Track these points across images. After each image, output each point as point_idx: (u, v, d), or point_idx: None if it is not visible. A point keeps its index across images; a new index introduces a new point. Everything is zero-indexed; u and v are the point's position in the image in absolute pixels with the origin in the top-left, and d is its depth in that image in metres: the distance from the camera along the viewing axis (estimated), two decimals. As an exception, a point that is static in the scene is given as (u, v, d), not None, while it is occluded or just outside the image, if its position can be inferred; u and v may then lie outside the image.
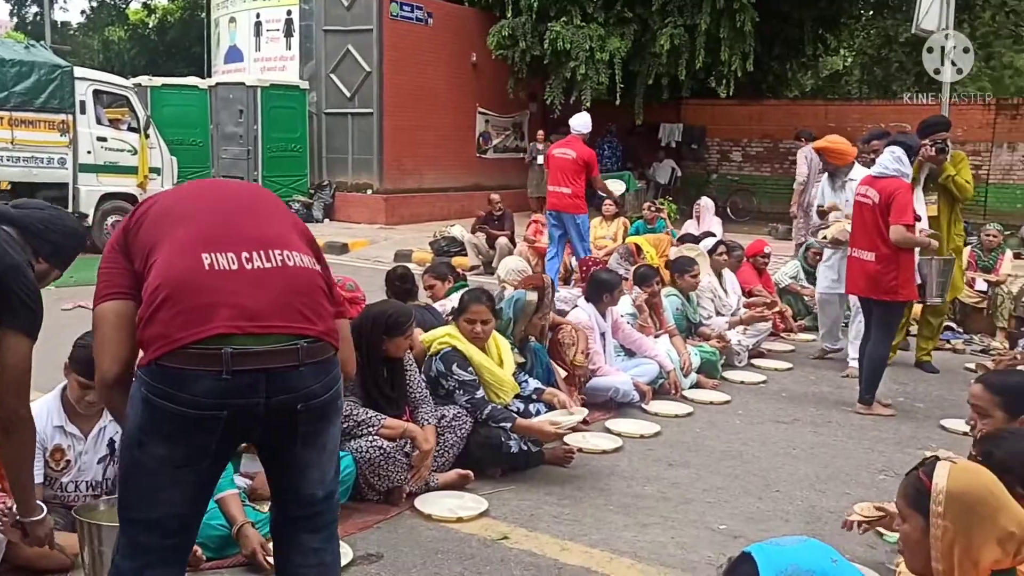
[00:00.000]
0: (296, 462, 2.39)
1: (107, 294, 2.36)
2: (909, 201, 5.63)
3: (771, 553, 1.69)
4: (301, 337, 2.27)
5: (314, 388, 2.30)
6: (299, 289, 2.32)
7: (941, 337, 7.86)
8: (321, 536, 2.49)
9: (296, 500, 2.44)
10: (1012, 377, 3.13)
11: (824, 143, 7.28)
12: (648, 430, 5.24)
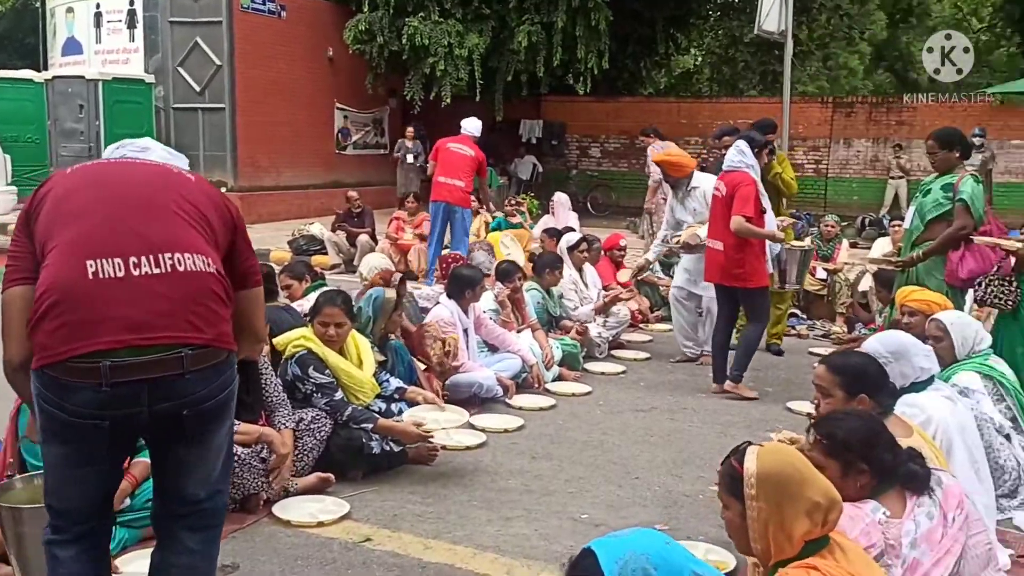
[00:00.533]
0: (183, 462, 2.40)
1: (15, 279, 2.35)
2: (751, 194, 5.86)
3: (609, 544, 1.79)
4: (185, 346, 2.26)
5: (201, 394, 2.30)
6: (189, 296, 2.29)
7: (787, 323, 8.27)
8: (200, 537, 2.49)
9: (179, 498, 2.44)
10: (852, 358, 3.30)
11: (662, 157, 7.29)
12: (512, 424, 5.26)
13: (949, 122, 16.25)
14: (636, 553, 1.76)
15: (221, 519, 2.59)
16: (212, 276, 2.37)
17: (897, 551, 2.35)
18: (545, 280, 6.87)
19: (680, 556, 1.82)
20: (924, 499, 2.44)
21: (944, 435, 3.45)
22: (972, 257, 5.16)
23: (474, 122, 10.08)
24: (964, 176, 5.37)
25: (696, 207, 6.88)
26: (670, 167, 7.10)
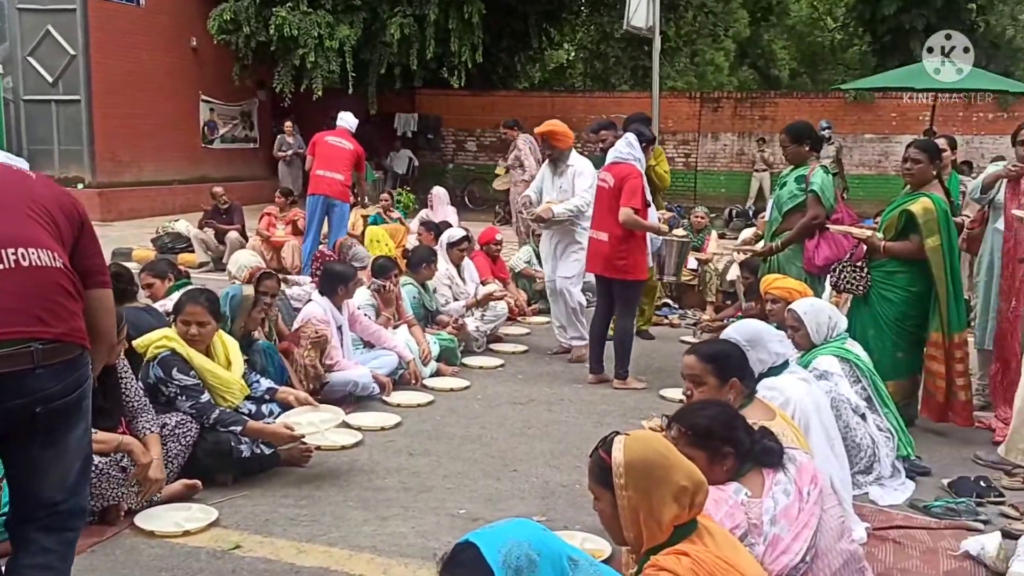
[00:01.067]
0: (35, 463, 2.34)
1: None
2: (639, 186, 5.98)
3: (488, 535, 1.79)
4: (35, 340, 2.23)
5: (54, 390, 2.27)
6: (35, 290, 2.27)
7: (658, 313, 8.49)
8: (56, 537, 2.41)
9: (34, 502, 2.38)
10: (718, 345, 3.39)
11: (549, 126, 7.04)
12: (389, 422, 5.19)
13: (807, 117, 17.01)
14: (518, 541, 1.77)
15: (79, 523, 2.51)
16: (59, 271, 2.33)
17: (759, 529, 2.43)
18: (420, 275, 6.82)
19: (556, 542, 1.85)
20: (780, 476, 2.53)
21: (802, 415, 3.59)
22: (826, 245, 5.40)
23: (350, 116, 10.02)
24: (815, 168, 5.61)
25: (564, 185, 6.85)
26: (553, 136, 6.92)
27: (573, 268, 6.82)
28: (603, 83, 23.49)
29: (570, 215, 6.66)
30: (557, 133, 6.93)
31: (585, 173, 6.74)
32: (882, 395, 4.57)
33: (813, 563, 2.39)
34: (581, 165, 6.83)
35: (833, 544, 2.47)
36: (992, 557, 3.48)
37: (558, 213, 6.61)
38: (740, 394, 3.23)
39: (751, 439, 2.60)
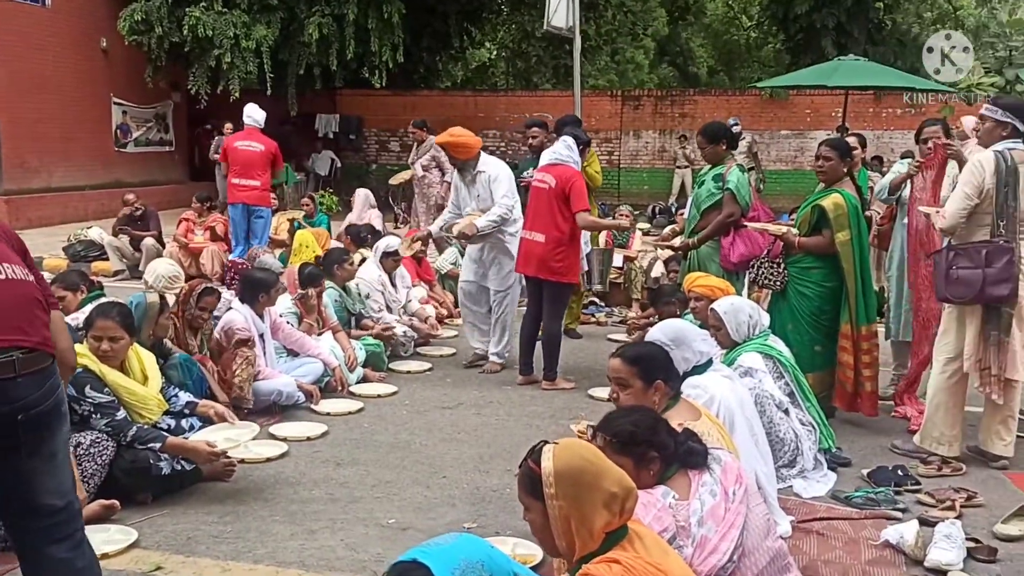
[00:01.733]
0: (26, 473, 2.42)
1: None
2: (584, 188, 6.02)
3: (438, 554, 1.74)
4: (16, 349, 2.33)
5: (34, 397, 2.37)
6: (14, 302, 2.39)
7: (585, 311, 8.54)
8: (66, 545, 2.51)
9: (33, 512, 2.45)
10: (643, 348, 3.41)
11: (446, 137, 6.56)
12: (315, 431, 5.09)
13: (726, 114, 17.38)
14: (470, 561, 1.74)
15: (81, 522, 2.63)
16: (32, 284, 2.50)
17: (687, 531, 2.45)
18: (337, 277, 6.70)
19: (504, 560, 1.83)
20: (706, 477, 2.56)
21: (726, 412, 3.65)
22: (742, 242, 5.51)
23: (256, 110, 9.75)
24: (731, 167, 5.71)
25: (481, 193, 6.53)
26: (454, 148, 6.51)
27: (506, 281, 6.56)
28: (526, 82, 23.58)
29: (494, 226, 6.37)
30: (456, 145, 6.52)
31: (500, 178, 6.46)
32: (804, 389, 4.67)
33: (740, 562, 2.42)
34: (494, 169, 6.52)
35: (759, 542, 2.51)
36: (911, 545, 3.58)
37: (482, 227, 6.32)
38: (665, 395, 3.26)
39: (675, 441, 2.62)
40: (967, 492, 4.22)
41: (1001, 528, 3.84)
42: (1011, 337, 4.49)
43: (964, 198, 4.51)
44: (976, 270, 4.43)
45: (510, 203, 6.36)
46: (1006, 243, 4.43)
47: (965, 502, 4.13)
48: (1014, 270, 4.40)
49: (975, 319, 4.55)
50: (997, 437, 4.67)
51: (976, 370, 4.55)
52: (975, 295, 4.46)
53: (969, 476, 4.53)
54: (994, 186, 4.46)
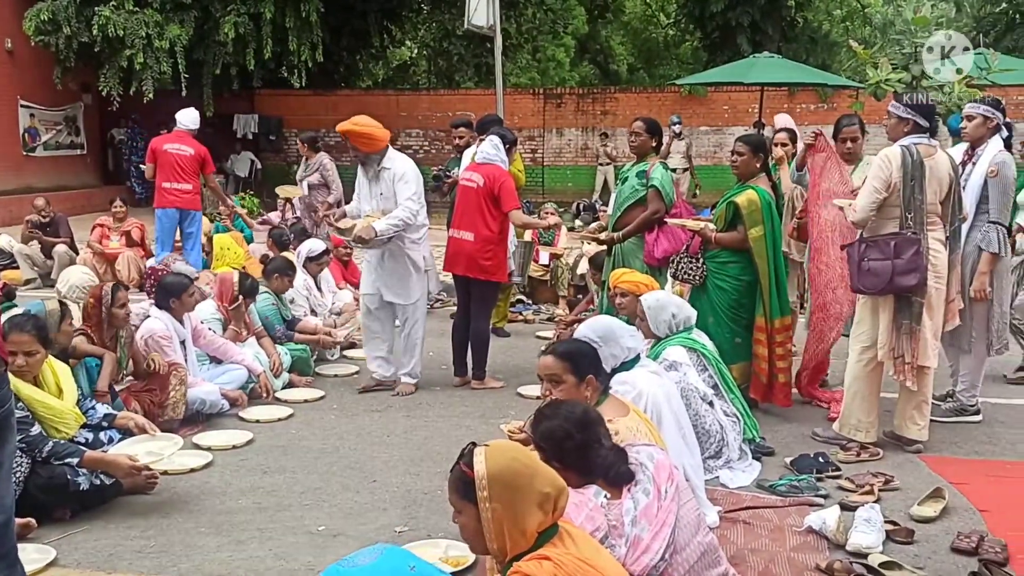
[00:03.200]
0: None
1: None
2: (513, 187, 6.03)
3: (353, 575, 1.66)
4: None
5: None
6: None
7: (513, 309, 8.55)
8: (2, 564, 2.49)
9: None
10: (573, 344, 3.43)
11: (348, 125, 5.69)
12: (240, 439, 4.99)
13: (647, 111, 17.56)
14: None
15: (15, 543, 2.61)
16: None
17: (620, 531, 2.47)
18: (273, 284, 6.60)
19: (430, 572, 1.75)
20: (640, 476, 2.58)
21: (654, 407, 3.70)
22: (665, 238, 5.59)
23: (190, 114, 9.52)
24: (655, 164, 5.80)
25: (384, 191, 5.80)
26: (357, 139, 5.69)
27: (412, 293, 5.92)
28: (448, 81, 23.49)
29: (396, 230, 5.66)
30: (359, 135, 5.68)
31: (407, 177, 5.74)
32: (727, 381, 4.77)
33: (672, 559, 2.45)
34: (401, 167, 5.78)
35: (691, 538, 2.54)
36: (833, 530, 3.69)
37: (381, 231, 5.55)
38: (596, 391, 3.29)
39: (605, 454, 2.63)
40: (885, 476, 4.36)
41: (917, 510, 3.98)
42: (922, 326, 4.65)
43: (873, 191, 4.66)
44: (886, 261, 4.59)
45: (415, 207, 5.72)
46: (913, 235, 4.59)
47: (883, 486, 4.27)
48: (921, 261, 4.56)
49: (888, 309, 4.70)
50: (912, 422, 4.84)
51: (890, 358, 4.71)
52: (884, 285, 4.62)
53: (886, 461, 4.68)
54: (901, 180, 4.61)
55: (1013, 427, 5.26)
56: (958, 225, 4.82)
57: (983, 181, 5.17)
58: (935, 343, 4.74)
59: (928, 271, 4.62)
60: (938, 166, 4.68)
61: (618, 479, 2.55)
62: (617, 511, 2.49)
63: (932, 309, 4.70)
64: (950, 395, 5.52)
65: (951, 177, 4.71)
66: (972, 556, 3.54)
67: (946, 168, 4.71)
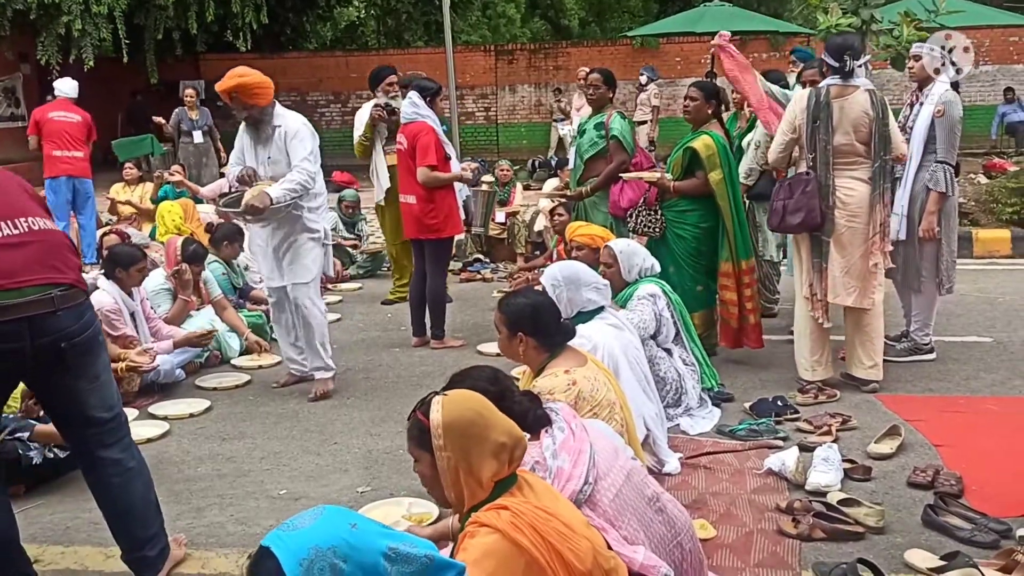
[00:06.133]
0: (74, 393, 2.82)
1: None
2: (431, 142, 5.87)
3: (289, 541, 1.63)
4: (55, 286, 2.68)
5: (73, 328, 2.72)
6: (48, 248, 2.74)
7: (471, 268, 8.53)
8: (118, 448, 2.94)
9: (85, 423, 2.86)
10: (518, 299, 3.42)
11: (234, 80, 4.83)
12: (197, 408, 4.93)
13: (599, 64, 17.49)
14: (321, 549, 1.61)
15: (128, 428, 3.05)
16: (60, 234, 2.86)
17: (544, 465, 2.51)
18: (223, 252, 6.48)
19: (371, 536, 1.68)
20: (554, 417, 2.66)
21: (610, 358, 3.71)
22: (630, 188, 5.57)
23: (69, 83, 9.47)
24: (612, 114, 5.76)
25: (273, 155, 4.97)
26: (249, 92, 4.87)
27: (309, 271, 5.06)
28: (397, 40, 23.11)
29: (292, 197, 4.83)
30: (249, 86, 4.87)
31: (301, 134, 4.92)
32: (689, 330, 4.79)
33: (597, 484, 2.50)
34: (293, 124, 4.96)
35: (612, 463, 2.59)
36: (792, 471, 3.73)
37: (277, 197, 4.73)
38: (532, 348, 3.28)
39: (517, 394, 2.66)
40: (842, 416, 4.42)
41: (874, 448, 4.04)
42: (830, 263, 4.77)
43: (781, 133, 4.88)
44: (781, 201, 4.79)
45: (312, 168, 4.89)
46: (806, 174, 4.73)
47: (841, 426, 4.33)
48: (810, 200, 4.68)
49: (805, 248, 4.86)
50: (859, 362, 4.91)
51: (808, 295, 4.85)
52: (777, 224, 4.86)
53: (843, 401, 4.75)
54: (805, 121, 4.72)
55: (966, 364, 5.36)
56: (884, 164, 4.75)
57: (930, 121, 5.19)
58: (848, 280, 4.77)
59: (837, 209, 4.71)
60: (851, 105, 4.69)
61: (537, 422, 2.57)
62: (537, 449, 2.53)
63: (844, 247, 4.77)
64: (904, 335, 5.60)
65: (870, 116, 4.69)
66: (928, 490, 3.61)
67: (861, 107, 4.69)
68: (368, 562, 1.64)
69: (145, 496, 3.06)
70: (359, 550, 1.64)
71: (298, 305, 5.10)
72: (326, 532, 1.65)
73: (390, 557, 1.67)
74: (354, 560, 1.63)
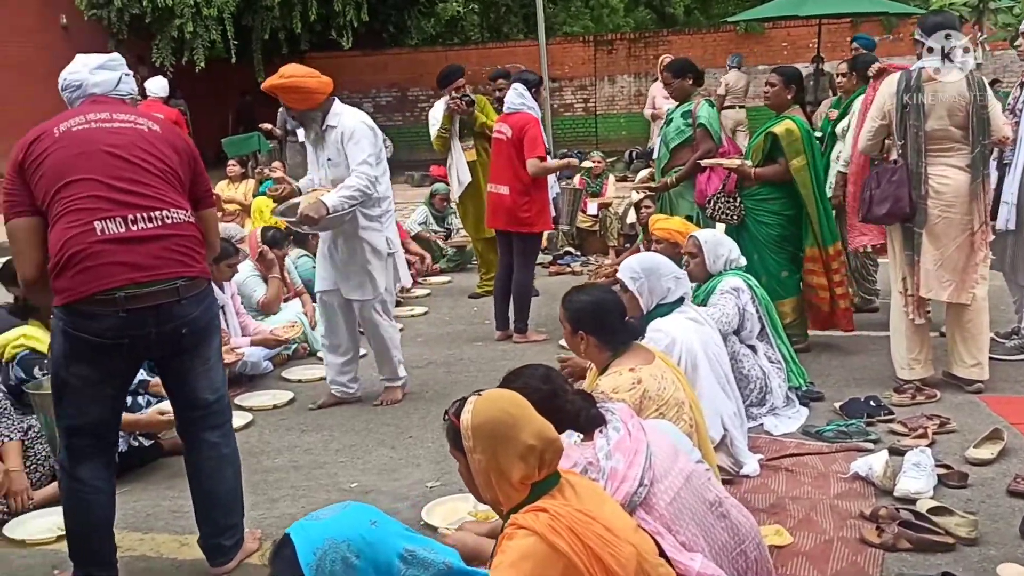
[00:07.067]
0: (187, 373, 3.02)
1: (16, 212, 2.86)
2: (539, 134, 5.89)
3: (308, 530, 1.63)
4: (181, 278, 2.86)
5: (195, 315, 2.92)
6: (179, 242, 2.89)
7: (560, 262, 8.45)
8: (218, 432, 3.13)
9: (194, 404, 3.07)
10: (582, 297, 3.35)
11: (274, 80, 4.64)
12: (281, 399, 5.03)
13: (701, 52, 17.12)
14: (335, 541, 1.61)
15: (230, 415, 3.27)
16: (192, 225, 2.98)
17: (596, 465, 2.43)
18: (310, 245, 6.60)
19: (389, 535, 1.67)
20: (609, 417, 2.57)
21: (688, 354, 3.58)
22: (718, 177, 5.41)
23: (158, 81, 9.72)
24: (700, 102, 5.61)
25: (332, 156, 4.60)
26: (286, 93, 4.60)
27: (375, 286, 4.73)
28: (495, 33, 23.17)
29: (351, 205, 4.46)
30: (287, 88, 4.57)
31: (358, 134, 4.52)
32: (775, 326, 4.59)
33: (654, 487, 2.40)
34: (349, 123, 4.57)
35: (671, 465, 2.50)
36: (879, 476, 3.52)
37: (333, 206, 4.37)
38: (593, 347, 3.20)
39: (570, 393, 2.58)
40: (940, 419, 4.16)
41: (973, 452, 3.79)
42: (923, 256, 4.48)
43: (870, 120, 4.62)
44: (870, 191, 4.53)
45: (372, 172, 4.50)
46: (894, 162, 4.46)
47: (938, 429, 4.08)
48: (900, 190, 4.40)
49: (897, 240, 4.58)
50: (960, 361, 4.62)
51: (902, 290, 4.57)
52: (864, 214, 4.59)
53: (944, 402, 4.47)
54: (894, 107, 4.45)
55: (1083, 364, 4.98)
56: (983, 150, 4.43)
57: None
58: (942, 274, 4.47)
59: (931, 199, 4.41)
60: (945, 88, 4.37)
61: (589, 422, 2.49)
62: (591, 450, 2.46)
63: (937, 239, 4.46)
64: (1015, 332, 5.24)
65: (966, 99, 4.35)
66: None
67: (956, 90, 4.36)
68: (382, 560, 1.63)
69: (233, 484, 3.20)
70: (374, 547, 1.63)
71: (366, 320, 4.82)
72: (344, 526, 1.65)
73: (406, 559, 1.65)
74: (367, 556, 1.61)
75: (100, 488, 2.98)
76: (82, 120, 2.92)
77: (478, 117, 6.90)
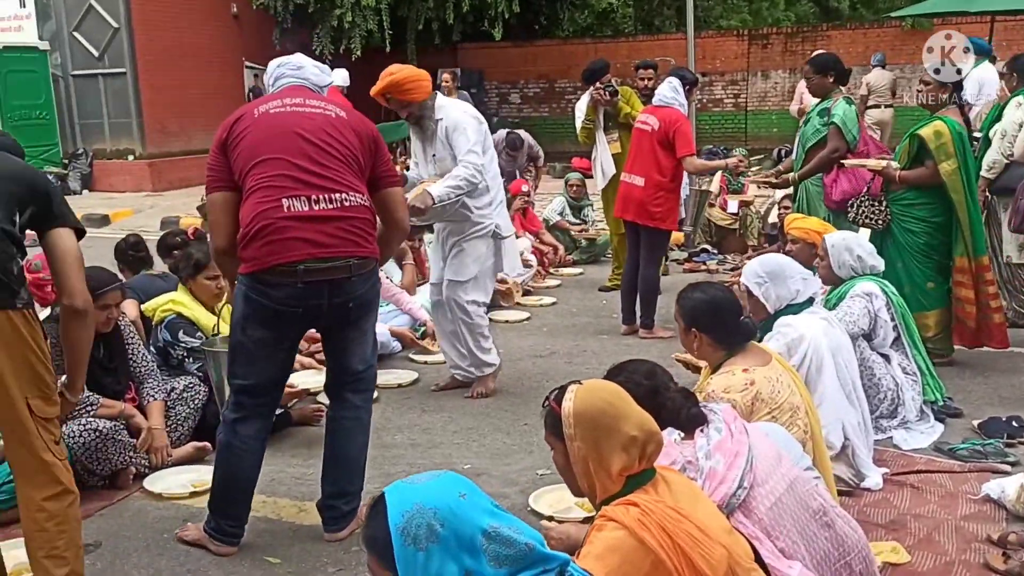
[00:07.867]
0: (346, 344, 3.26)
1: (215, 186, 3.17)
2: (690, 131, 5.88)
3: (401, 491, 1.70)
4: (353, 257, 3.08)
5: (362, 292, 3.16)
6: (354, 224, 3.10)
7: (696, 259, 8.31)
8: (362, 396, 3.37)
9: (345, 370, 3.30)
10: (695, 294, 3.26)
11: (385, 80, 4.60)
12: (406, 379, 5.18)
13: (863, 49, 16.39)
14: (423, 507, 1.65)
15: (374, 383, 3.53)
16: (367, 208, 3.18)
17: (695, 465, 2.40)
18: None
19: (476, 510, 1.69)
20: (711, 417, 2.52)
21: (815, 354, 3.46)
22: (845, 179, 5.19)
23: (340, 73, 9.86)
24: (838, 100, 5.38)
25: (439, 151, 4.61)
26: (402, 90, 4.53)
27: (467, 269, 4.73)
28: (648, 26, 22.88)
29: (458, 195, 4.49)
30: (400, 82, 4.53)
31: (462, 124, 4.54)
32: (912, 335, 4.37)
33: (754, 491, 2.35)
34: (453, 115, 4.58)
35: (773, 469, 2.42)
36: (1012, 500, 3.31)
37: (439, 195, 4.39)
38: (706, 345, 3.13)
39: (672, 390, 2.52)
40: (1090, 446, 3.87)
41: (1121, 485, 3.49)
42: None
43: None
44: None
45: (479, 161, 4.49)
46: None
47: (1087, 457, 3.79)
48: None
49: None
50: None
51: None
52: (1018, 224, 4.47)
53: (1098, 427, 4.14)
54: None
55: None
56: None
57: None
58: None
59: None
60: None
61: (690, 420, 2.44)
62: (690, 449, 2.42)
63: None
64: None
65: None
66: None
67: None
68: (466, 533, 1.66)
69: (361, 451, 3.40)
70: (460, 519, 1.66)
71: (453, 303, 4.77)
72: (434, 493, 1.69)
73: (489, 535, 1.68)
74: (451, 527, 1.65)
75: (253, 448, 3.21)
76: (278, 104, 3.18)
77: (622, 108, 6.85)
